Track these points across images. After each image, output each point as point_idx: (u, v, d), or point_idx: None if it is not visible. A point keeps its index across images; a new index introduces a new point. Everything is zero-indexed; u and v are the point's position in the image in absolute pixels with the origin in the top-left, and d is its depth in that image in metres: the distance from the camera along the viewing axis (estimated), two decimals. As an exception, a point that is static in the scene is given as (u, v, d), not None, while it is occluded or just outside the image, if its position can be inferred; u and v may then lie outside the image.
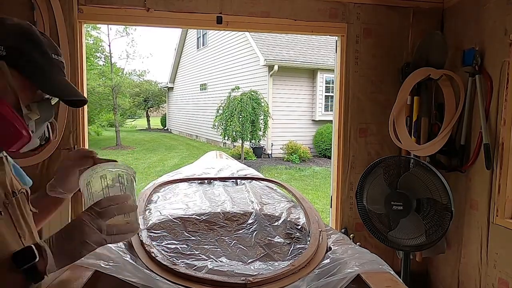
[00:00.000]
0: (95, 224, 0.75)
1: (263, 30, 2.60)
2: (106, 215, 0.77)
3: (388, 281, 0.97)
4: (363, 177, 2.28)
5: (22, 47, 0.79)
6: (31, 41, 0.81)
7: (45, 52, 0.83)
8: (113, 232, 0.77)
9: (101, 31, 15.26)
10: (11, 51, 0.78)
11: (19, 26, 0.81)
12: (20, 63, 0.79)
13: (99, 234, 0.75)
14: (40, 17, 2.14)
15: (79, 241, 0.74)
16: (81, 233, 0.74)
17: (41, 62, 0.81)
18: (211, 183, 1.93)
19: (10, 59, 0.78)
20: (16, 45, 0.79)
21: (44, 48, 0.83)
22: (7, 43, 0.78)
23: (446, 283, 2.60)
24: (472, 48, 2.30)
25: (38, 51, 0.81)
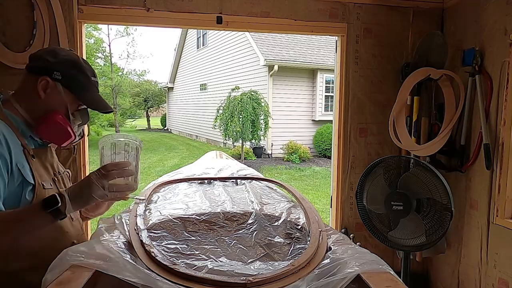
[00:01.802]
0: (100, 183, 1.01)
1: (263, 30, 2.60)
2: (109, 177, 1.02)
3: (388, 281, 0.97)
4: (363, 177, 2.28)
5: (72, 72, 1.14)
6: (78, 68, 1.15)
7: (87, 76, 1.17)
8: (113, 190, 1.04)
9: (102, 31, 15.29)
10: (64, 76, 1.12)
11: (69, 57, 1.16)
12: (70, 84, 1.13)
13: (102, 190, 1.02)
14: (40, 17, 2.14)
15: (88, 194, 1.01)
16: (89, 188, 1.01)
17: (84, 83, 1.16)
18: (211, 183, 1.93)
19: (64, 81, 1.12)
20: (67, 71, 1.13)
21: (86, 73, 1.17)
22: (62, 70, 1.12)
23: (446, 283, 2.60)
24: (472, 48, 2.30)
25: (83, 75, 1.16)
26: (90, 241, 1.15)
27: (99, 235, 1.17)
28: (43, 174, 1.13)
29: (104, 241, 1.12)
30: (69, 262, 0.98)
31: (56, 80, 1.12)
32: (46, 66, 1.12)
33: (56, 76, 1.12)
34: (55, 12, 2.17)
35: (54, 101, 1.13)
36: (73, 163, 2.22)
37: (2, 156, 1.00)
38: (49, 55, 1.14)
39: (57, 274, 0.95)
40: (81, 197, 1.02)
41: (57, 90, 1.12)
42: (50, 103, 1.13)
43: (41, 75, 1.11)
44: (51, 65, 1.12)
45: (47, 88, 1.12)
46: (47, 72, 1.11)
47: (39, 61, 1.14)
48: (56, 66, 1.12)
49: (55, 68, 1.12)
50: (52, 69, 1.12)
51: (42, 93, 1.11)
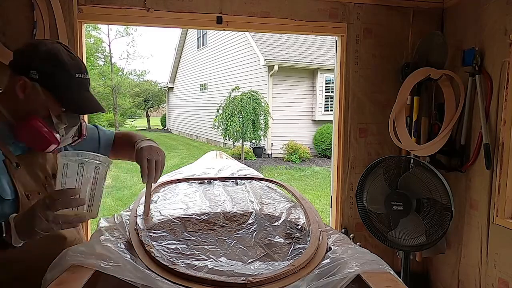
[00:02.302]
0: (43, 214, 0.88)
1: (263, 30, 2.60)
2: (53, 208, 0.88)
3: (388, 281, 0.97)
4: (363, 177, 2.28)
5: (50, 70, 0.99)
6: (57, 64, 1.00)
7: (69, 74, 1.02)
8: (59, 222, 0.90)
9: (101, 31, 15.30)
10: (42, 74, 0.99)
11: (48, 52, 1.01)
12: (49, 84, 1.00)
13: (46, 224, 0.89)
14: (40, 17, 2.14)
15: (31, 227, 0.89)
16: (32, 221, 0.88)
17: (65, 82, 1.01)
18: (211, 183, 1.93)
19: (42, 81, 0.99)
20: (45, 69, 0.99)
21: (68, 70, 1.02)
22: (39, 67, 0.99)
23: (446, 283, 2.60)
24: (472, 48, 2.30)
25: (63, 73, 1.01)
26: (90, 241, 1.15)
27: (99, 235, 1.17)
28: (29, 183, 1.04)
29: (104, 241, 1.12)
30: (69, 262, 0.98)
31: (33, 80, 0.99)
32: (24, 63, 1.00)
33: (33, 75, 0.99)
34: (55, 12, 2.17)
35: (34, 103, 1.01)
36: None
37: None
38: (29, 50, 1.02)
39: (57, 274, 0.95)
40: (25, 230, 0.90)
41: (36, 91, 0.99)
42: (30, 105, 1.01)
43: (19, 74, 1.00)
44: (29, 62, 0.99)
45: (25, 89, 1.00)
46: (24, 70, 0.99)
47: (19, 57, 1.02)
48: (34, 63, 0.99)
49: (32, 66, 0.99)
50: (29, 67, 0.99)
51: (21, 94, 1.00)
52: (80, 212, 0.93)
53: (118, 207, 5.78)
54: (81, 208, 0.93)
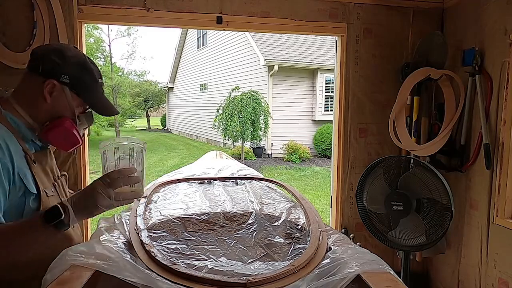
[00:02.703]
0: (106, 192, 0.96)
1: (263, 30, 2.60)
2: (115, 185, 0.97)
3: (388, 281, 0.97)
4: (363, 177, 2.28)
5: (79, 75, 1.07)
6: (86, 70, 1.09)
7: (95, 79, 1.11)
8: (120, 199, 0.99)
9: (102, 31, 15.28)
10: (72, 79, 1.06)
11: (77, 58, 1.09)
12: (78, 88, 1.07)
13: (108, 200, 0.96)
14: (40, 17, 2.14)
15: (93, 204, 0.96)
16: (94, 198, 0.95)
17: (92, 86, 1.10)
18: (211, 183, 1.93)
19: (71, 85, 1.06)
20: (75, 74, 1.06)
21: (94, 75, 1.11)
22: (70, 73, 1.05)
23: (446, 283, 2.60)
24: (472, 48, 2.30)
25: (91, 78, 1.10)
26: (90, 241, 1.15)
27: (99, 235, 1.17)
28: (44, 180, 1.08)
29: (104, 241, 1.12)
30: (69, 262, 0.98)
31: (63, 83, 1.05)
32: (53, 68, 1.04)
33: (64, 79, 1.04)
34: (55, 12, 2.17)
35: (61, 105, 1.06)
36: (73, 164, 2.22)
37: (5, 166, 0.94)
38: (56, 56, 1.05)
39: (57, 274, 0.95)
40: (86, 208, 0.97)
41: (64, 94, 1.06)
42: (56, 107, 1.06)
43: (47, 77, 1.04)
44: (59, 67, 1.04)
45: (54, 92, 1.05)
46: (54, 74, 1.04)
47: (45, 62, 1.05)
48: (64, 68, 1.05)
49: (62, 71, 1.04)
50: (59, 72, 1.04)
51: (48, 96, 1.04)
52: (136, 189, 1.02)
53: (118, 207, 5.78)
54: (137, 185, 1.02)
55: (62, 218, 0.94)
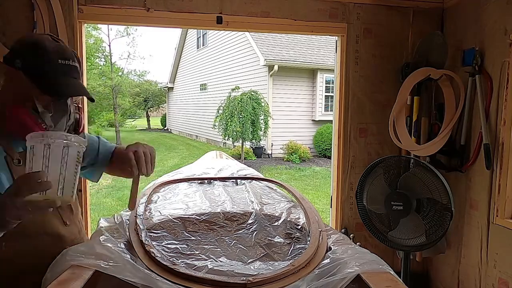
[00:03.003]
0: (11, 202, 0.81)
1: (263, 30, 2.60)
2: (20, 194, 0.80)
3: (388, 281, 0.97)
4: (363, 177, 2.28)
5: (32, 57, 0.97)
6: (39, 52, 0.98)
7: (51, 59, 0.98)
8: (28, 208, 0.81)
9: (102, 31, 15.26)
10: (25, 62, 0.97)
11: (32, 40, 1.01)
12: (31, 71, 0.97)
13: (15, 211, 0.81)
14: (40, 17, 2.14)
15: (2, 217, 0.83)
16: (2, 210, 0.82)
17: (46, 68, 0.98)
18: (211, 183, 1.93)
19: (25, 68, 0.97)
20: (28, 57, 0.97)
21: (49, 55, 0.98)
22: (23, 56, 0.97)
23: (446, 283, 2.60)
24: (472, 48, 2.30)
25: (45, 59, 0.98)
26: (90, 241, 1.15)
27: (99, 235, 1.17)
28: None
29: (104, 241, 1.12)
30: (69, 262, 0.98)
31: (17, 68, 0.97)
32: (10, 54, 0.99)
33: (17, 64, 0.97)
34: (55, 12, 2.17)
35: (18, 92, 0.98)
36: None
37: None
38: (16, 42, 1.02)
39: (57, 274, 0.95)
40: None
41: (20, 79, 0.97)
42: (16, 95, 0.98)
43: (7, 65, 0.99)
44: (15, 53, 0.99)
45: (12, 79, 0.99)
46: (10, 61, 0.98)
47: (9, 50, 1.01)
48: (18, 53, 0.98)
49: (17, 56, 0.98)
50: (14, 58, 0.98)
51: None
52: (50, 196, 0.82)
53: (118, 207, 5.78)
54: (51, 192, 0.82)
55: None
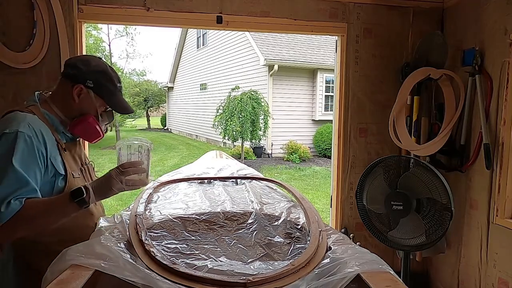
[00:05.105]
0: (118, 178, 1.19)
1: (263, 30, 2.60)
2: (126, 173, 1.21)
3: (388, 281, 0.97)
4: (363, 177, 2.28)
5: (101, 81, 1.31)
6: (107, 77, 1.33)
7: (114, 83, 1.35)
8: (129, 184, 1.22)
9: (101, 31, 15.26)
10: (95, 84, 1.30)
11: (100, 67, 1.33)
12: (100, 91, 1.31)
13: (120, 185, 1.20)
14: (40, 17, 2.14)
15: (108, 187, 1.20)
16: (109, 183, 1.19)
17: (112, 90, 1.34)
18: (211, 182, 1.93)
19: (95, 88, 1.30)
20: (98, 80, 1.30)
21: (114, 80, 1.34)
22: (93, 78, 1.29)
23: (446, 283, 2.60)
24: (472, 48, 2.30)
25: (111, 83, 1.34)
26: (90, 241, 1.15)
27: (99, 235, 1.17)
28: (72, 164, 1.33)
29: (104, 241, 1.12)
30: (68, 262, 0.98)
31: (88, 87, 1.29)
32: (80, 75, 1.29)
33: (89, 84, 1.29)
34: (55, 12, 2.17)
35: (86, 105, 1.31)
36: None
37: (39, 151, 1.17)
38: (82, 64, 1.31)
39: (57, 274, 0.95)
40: (102, 190, 1.20)
41: (89, 96, 1.30)
42: (83, 107, 1.31)
43: (76, 82, 1.28)
44: (84, 74, 1.29)
45: (81, 94, 1.29)
46: (81, 80, 1.28)
47: (74, 69, 1.30)
48: (89, 75, 1.29)
49: (88, 77, 1.29)
50: (85, 78, 1.28)
51: (76, 98, 1.29)
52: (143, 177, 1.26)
53: (118, 206, 5.78)
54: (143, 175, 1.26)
55: (84, 196, 1.16)
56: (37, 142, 1.16)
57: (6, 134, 1.13)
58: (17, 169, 1.11)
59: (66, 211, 1.17)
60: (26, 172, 1.13)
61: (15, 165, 1.10)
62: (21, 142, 1.13)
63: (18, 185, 1.11)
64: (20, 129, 1.14)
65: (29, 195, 1.13)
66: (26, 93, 2.19)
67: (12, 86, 2.17)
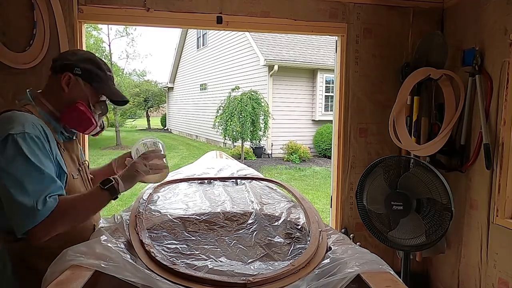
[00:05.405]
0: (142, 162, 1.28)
1: (263, 30, 2.60)
2: (148, 158, 1.30)
3: (388, 281, 0.97)
4: (363, 177, 2.28)
5: (89, 68, 1.29)
6: (95, 64, 1.30)
7: (103, 71, 1.32)
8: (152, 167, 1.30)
9: (101, 31, 15.26)
10: (84, 71, 1.27)
11: (86, 55, 1.33)
12: (89, 78, 1.29)
13: (145, 167, 1.27)
14: (40, 17, 2.14)
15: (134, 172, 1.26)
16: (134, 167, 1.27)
17: (101, 77, 1.31)
18: (211, 183, 1.93)
19: (83, 76, 1.27)
20: (86, 67, 1.28)
21: (102, 67, 1.32)
22: (81, 65, 1.27)
23: (446, 283, 2.60)
24: (472, 48, 2.30)
25: (100, 70, 1.31)
26: (90, 241, 1.15)
27: (99, 235, 1.17)
28: (71, 165, 1.31)
29: (104, 241, 1.12)
30: (69, 262, 0.98)
31: (77, 75, 1.26)
32: (67, 63, 1.26)
33: (77, 71, 1.26)
34: (55, 12, 2.17)
35: (76, 94, 1.27)
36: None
37: (48, 150, 1.17)
38: (69, 55, 1.31)
39: (57, 274, 0.95)
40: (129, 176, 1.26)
41: (78, 84, 1.27)
42: (73, 96, 1.26)
43: (63, 72, 1.26)
44: (72, 62, 1.27)
45: (70, 83, 1.26)
46: (68, 68, 1.26)
47: (60, 60, 1.28)
48: (76, 62, 1.27)
49: (75, 65, 1.26)
50: (73, 66, 1.26)
51: (65, 87, 1.25)
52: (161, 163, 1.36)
53: (118, 207, 5.78)
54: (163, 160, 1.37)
55: (113, 183, 1.20)
56: (45, 142, 1.16)
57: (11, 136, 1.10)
58: (40, 168, 1.11)
59: (99, 202, 1.22)
60: (49, 170, 1.13)
61: (36, 164, 1.10)
62: (31, 142, 1.12)
63: (47, 183, 1.11)
64: (26, 130, 1.12)
65: (58, 191, 1.14)
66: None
67: (12, 86, 2.17)
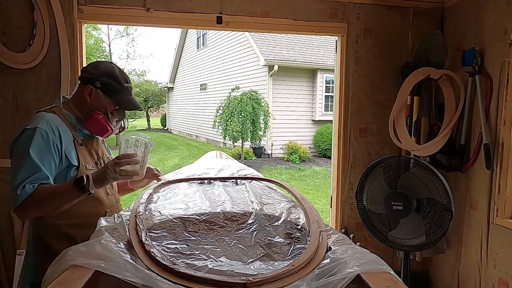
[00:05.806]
0: (113, 168, 1.34)
1: (263, 30, 2.60)
2: (119, 164, 1.36)
3: (388, 281, 0.97)
4: (363, 177, 2.28)
5: (108, 81, 1.49)
6: (113, 77, 1.51)
7: (120, 83, 1.52)
8: (122, 174, 1.37)
9: (102, 31, 15.27)
10: (102, 84, 1.48)
11: (106, 69, 1.52)
12: (107, 91, 1.50)
13: (114, 174, 1.35)
14: (40, 17, 2.14)
15: (103, 176, 1.35)
16: (105, 172, 1.35)
17: (118, 89, 1.51)
18: (211, 183, 1.93)
19: (103, 89, 1.49)
20: (105, 80, 1.49)
21: (120, 80, 1.52)
22: (101, 80, 1.48)
23: (446, 283, 2.60)
24: (472, 48, 2.30)
25: (117, 83, 1.51)
26: (90, 241, 1.15)
27: (99, 235, 1.17)
28: (87, 158, 1.51)
29: (104, 241, 1.12)
30: (69, 262, 0.98)
31: (97, 87, 1.48)
32: (90, 77, 1.49)
33: (97, 84, 1.48)
34: (55, 12, 2.17)
35: (96, 103, 1.49)
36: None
37: (55, 144, 1.36)
38: (92, 68, 1.52)
39: (57, 274, 0.95)
40: (100, 179, 1.35)
41: (98, 95, 1.49)
42: (94, 105, 1.49)
43: (87, 84, 1.49)
44: (93, 76, 1.48)
45: (91, 94, 1.49)
46: (91, 81, 1.48)
47: (85, 73, 1.51)
48: (97, 76, 1.48)
49: (96, 79, 1.48)
50: (94, 80, 1.48)
51: (88, 97, 1.49)
52: (136, 169, 1.41)
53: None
54: (137, 166, 1.41)
55: (84, 184, 1.31)
56: (53, 137, 1.36)
57: (26, 130, 1.35)
58: (33, 158, 1.30)
59: (71, 196, 1.34)
60: (41, 161, 1.31)
61: (31, 154, 1.30)
62: (38, 136, 1.33)
63: (32, 171, 1.30)
64: (38, 125, 1.35)
65: (42, 181, 1.31)
66: (26, 93, 2.20)
67: (12, 86, 2.17)
